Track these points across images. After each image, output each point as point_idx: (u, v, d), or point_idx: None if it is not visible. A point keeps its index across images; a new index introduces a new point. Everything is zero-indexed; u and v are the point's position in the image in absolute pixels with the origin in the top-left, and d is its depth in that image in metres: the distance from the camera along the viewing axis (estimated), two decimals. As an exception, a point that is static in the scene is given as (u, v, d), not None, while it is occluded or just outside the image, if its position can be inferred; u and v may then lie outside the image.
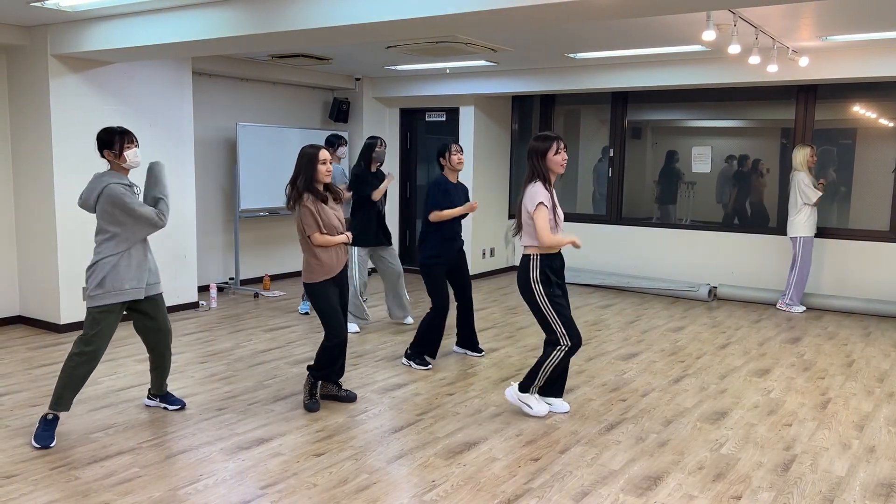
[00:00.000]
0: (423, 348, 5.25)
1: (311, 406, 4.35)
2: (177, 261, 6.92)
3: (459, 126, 9.04)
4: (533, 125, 9.55)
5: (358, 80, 9.12)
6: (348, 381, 4.91)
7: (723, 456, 3.76)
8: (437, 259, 5.20)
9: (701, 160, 8.40)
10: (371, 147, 6.01)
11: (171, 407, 4.32)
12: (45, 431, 3.81)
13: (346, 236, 4.35)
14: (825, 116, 7.70)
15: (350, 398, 4.50)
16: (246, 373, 5.06)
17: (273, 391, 4.68)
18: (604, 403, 4.54)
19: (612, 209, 8.94)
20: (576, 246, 4.11)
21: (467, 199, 5.37)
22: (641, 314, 7.18)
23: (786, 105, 7.88)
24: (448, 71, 8.43)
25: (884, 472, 3.59)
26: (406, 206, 9.67)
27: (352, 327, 6.22)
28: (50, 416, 3.84)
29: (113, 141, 3.89)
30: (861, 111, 7.59)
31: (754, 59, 5.69)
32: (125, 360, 5.32)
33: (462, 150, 5.27)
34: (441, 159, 5.28)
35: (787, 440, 3.98)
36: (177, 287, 6.94)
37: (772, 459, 3.73)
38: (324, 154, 4.25)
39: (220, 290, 7.98)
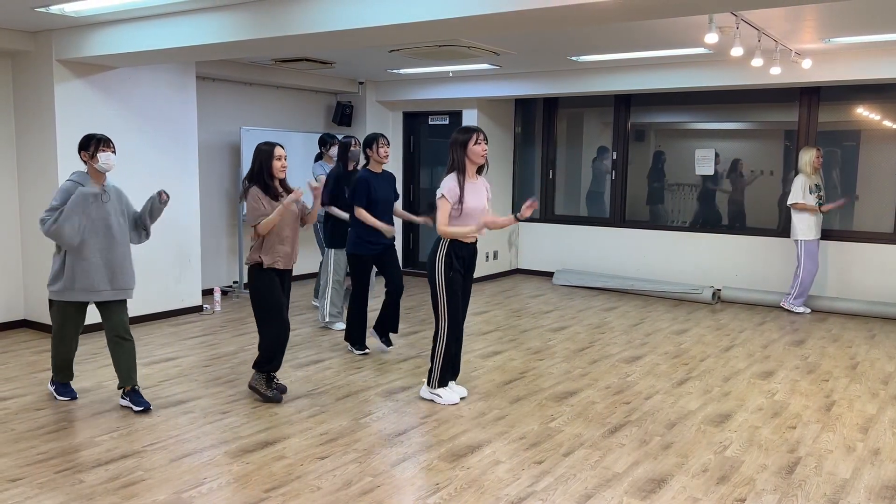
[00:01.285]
0: (351, 335, 5.63)
1: (273, 397, 4.49)
2: (181, 264, 6.93)
3: (462, 129, 9.04)
4: (536, 128, 9.56)
5: (361, 83, 9.14)
6: (352, 383, 4.92)
7: (727, 458, 3.76)
8: (359, 253, 5.46)
9: (704, 162, 8.39)
10: (346, 146, 6.10)
11: (127, 404, 4.43)
12: (65, 390, 4.49)
13: (294, 194, 4.34)
14: (829, 119, 7.69)
15: (281, 390, 4.64)
16: (250, 376, 5.06)
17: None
18: (607, 406, 4.54)
19: (616, 212, 8.94)
20: (479, 232, 4.32)
21: (393, 188, 5.55)
22: (645, 317, 7.18)
23: (789, 107, 7.87)
24: (451, 74, 8.45)
25: (888, 475, 3.58)
26: (409, 208, 9.67)
27: (338, 325, 6.46)
28: (55, 380, 4.49)
29: (89, 144, 4.18)
30: (865, 113, 7.59)
31: (757, 62, 5.69)
32: (129, 363, 5.33)
33: (388, 144, 5.48)
34: (368, 150, 5.46)
35: (791, 443, 3.98)
36: (180, 290, 6.95)
37: (776, 462, 3.72)
38: (279, 150, 4.39)
39: (223, 293, 8.00)
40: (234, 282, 8.21)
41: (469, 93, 8.62)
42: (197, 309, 7.11)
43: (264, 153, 4.38)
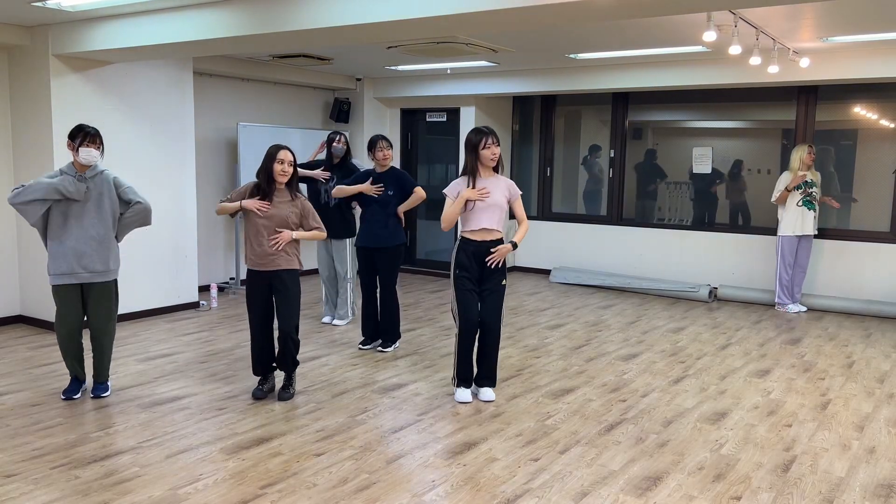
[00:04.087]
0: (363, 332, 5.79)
1: (253, 393, 4.54)
2: (177, 260, 6.92)
3: (460, 126, 9.04)
4: (534, 126, 9.55)
5: (359, 80, 9.13)
6: (349, 380, 4.91)
7: (723, 456, 3.76)
8: (359, 245, 5.61)
9: (702, 161, 8.40)
10: (329, 142, 6.23)
11: (92, 394, 4.55)
12: (70, 386, 4.50)
13: (258, 203, 4.32)
14: (826, 117, 7.70)
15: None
16: (246, 373, 5.06)
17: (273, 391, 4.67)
18: (604, 404, 4.54)
19: (613, 210, 8.94)
20: (477, 198, 4.33)
21: (397, 185, 5.55)
22: (642, 315, 7.18)
23: (787, 106, 7.88)
24: (449, 71, 8.44)
25: (883, 473, 3.59)
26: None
27: (325, 319, 6.59)
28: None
29: (76, 135, 4.25)
30: (862, 112, 7.59)
31: (755, 60, 5.69)
32: (126, 359, 5.33)
33: (389, 147, 5.58)
34: (369, 153, 5.63)
35: (786, 441, 3.99)
36: (177, 286, 6.94)
37: (772, 460, 3.73)
38: (282, 154, 4.32)
39: (220, 289, 7.99)
40: (231, 278, 8.20)
41: (467, 90, 8.61)
42: (193, 305, 7.10)
43: (268, 155, 4.34)
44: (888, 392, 4.87)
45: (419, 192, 5.55)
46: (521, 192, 4.55)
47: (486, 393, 4.57)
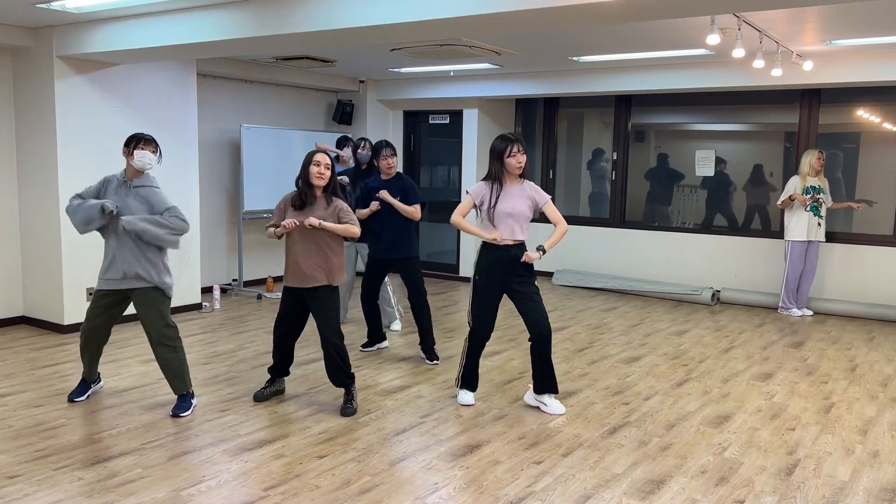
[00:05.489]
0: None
1: (255, 395, 4.54)
2: (180, 262, 6.92)
3: (463, 128, 9.04)
4: (536, 128, 9.56)
5: (362, 82, 9.14)
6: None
7: (726, 460, 3.76)
8: (371, 257, 5.55)
9: (704, 164, 8.39)
10: (356, 148, 6.26)
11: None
12: (78, 388, 4.52)
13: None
14: (829, 121, 7.69)
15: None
16: (249, 374, 5.06)
17: (276, 393, 4.68)
18: (606, 407, 4.54)
19: (616, 212, 8.94)
20: (494, 239, 4.25)
21: (399, 193, 5.42)
22: (644, 317, 7.18)
23: (790, 109, 7.87)
24: (452, 73, 8.44)
25: (887, 477, 3.58)
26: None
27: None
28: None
29: (130, 141, 4.26)
30: (865, 115, 7.59)
31: (758, 63, 5.69)
32: (128, 360, 5.33)
33: (393, 154, 5.47)
34: (374, 160, 5.57)
35: (790, 444, 3.98)
36: (180, 288, 6.94)
37: (775, 464, 3.72)
38: (318, 157, 4.26)
39: (223, 291, 7.99)
40: (234, 280, 8.20)
41: (470, 92, 8.62)
42: (196, 307, 7.11)
43: (306, 157, 4.28)
44: (892, 396, 4.86)
45: (415, 212, 5.39)
46: (549, 197, 4.36)
47: (554, 405, 4.37)
